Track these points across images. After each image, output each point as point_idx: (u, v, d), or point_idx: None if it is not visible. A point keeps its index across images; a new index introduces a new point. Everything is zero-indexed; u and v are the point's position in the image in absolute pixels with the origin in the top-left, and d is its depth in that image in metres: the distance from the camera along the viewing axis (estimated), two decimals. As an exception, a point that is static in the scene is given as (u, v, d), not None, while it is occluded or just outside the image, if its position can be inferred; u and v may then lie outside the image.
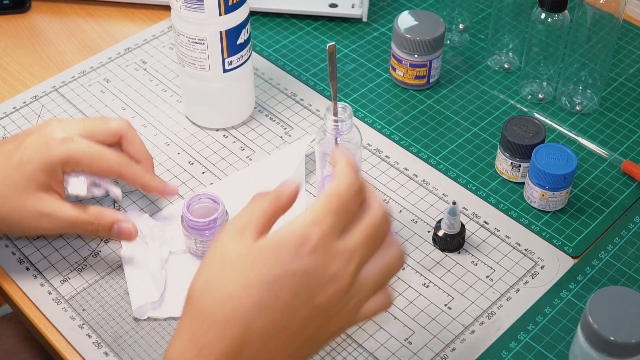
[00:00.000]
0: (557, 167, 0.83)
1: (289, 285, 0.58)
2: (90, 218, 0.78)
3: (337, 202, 0.60)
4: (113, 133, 0.81)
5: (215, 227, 0.79)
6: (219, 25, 0.86)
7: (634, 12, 1.11)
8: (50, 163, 0.77)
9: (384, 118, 0.97)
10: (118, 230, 0.79)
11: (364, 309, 0.62)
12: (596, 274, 0.81)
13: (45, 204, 0.77)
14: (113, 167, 0.79)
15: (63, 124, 0.79)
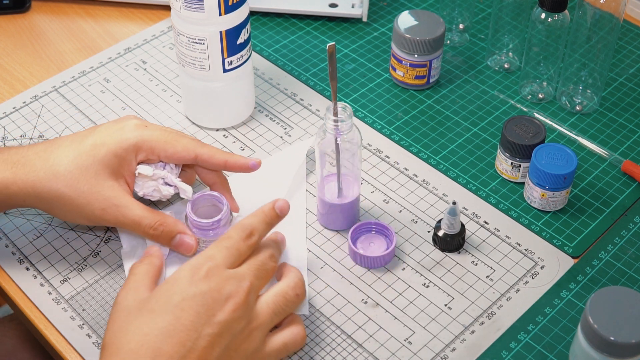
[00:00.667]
0: (557, 167, 0.83)
1: (189, 308, 0.64)
2: (154, 223, 0.76)
3: (228, 242, 0.70)
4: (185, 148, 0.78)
5: (219, 227, 0.79)
6: (219, 25, 0.86)
7: (634, 12, 1.11)
8: (124, 147, 0.76)
9: (384, 118, 0.97)
10: (180, 241, 0.77)
11: (275, 338, 0.69)
12: (596, 274, 0.81)
13: (115, 193, 0.75)
14: (188, 147, 0.77)
15: (138, 118, 0.79)
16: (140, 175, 0.78)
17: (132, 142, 0.76)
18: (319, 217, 0.85)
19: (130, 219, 0.76)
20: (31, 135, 0.94)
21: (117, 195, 0.76)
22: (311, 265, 0.82)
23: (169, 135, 0.78)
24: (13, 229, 0.84)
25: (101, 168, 0.75)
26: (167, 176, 0.79)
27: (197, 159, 0.78)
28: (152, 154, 0.77)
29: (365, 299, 0.79)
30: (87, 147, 0.76)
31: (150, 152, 0.77)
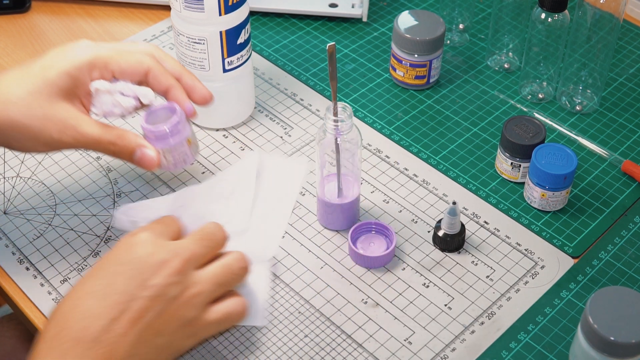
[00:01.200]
0: (557, 167, 0.83)
1: (122, 272, 0.65)
2: (114, 138, 0.74)
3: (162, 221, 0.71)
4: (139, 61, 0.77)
5: (178, 132, 0.76)
6: (219, 25, 0.86)
7: (634, 12, 1.11)
8: (77, 66, 0.73)
9: (384, 118, 0.97)
10: (140, 155, 0.75)
11: (216, 307, 0.68)
12: (596, 274, 0.81)
13: (70, 114, 0.73)
14: (143, 60, 0.76)
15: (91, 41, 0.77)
16: (98, 90, 0.75)
17: (86, 59, 0.74)
18: (319, 217, 0.85)
19: (89, 137, 0.74)
20: (31, 135, 0.94)
21: (73, 115, 0.73)
22: (311, 265, 0.82)
23: (122, 48, 0.76)
24: (13, 229, 0.84)
25: (54, 90, 0.73)
26: (125, 86, 0.76)
27: (147, 75, 0.77)
28: (105, 71, 0.75)
29: (365, 299, 0.79)
30: (37, 70, 0.73)
31: (104, 68, 0.75)
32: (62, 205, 0.87)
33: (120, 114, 0.77)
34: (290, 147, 0.93)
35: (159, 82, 0.77)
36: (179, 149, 0.77)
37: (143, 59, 0.76)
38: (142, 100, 0.77)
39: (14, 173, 0.90)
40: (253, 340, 0.76)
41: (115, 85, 0.76)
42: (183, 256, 0.67)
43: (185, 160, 0.79)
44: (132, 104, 0.77)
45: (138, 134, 0.76)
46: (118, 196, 0.88)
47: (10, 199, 0.87)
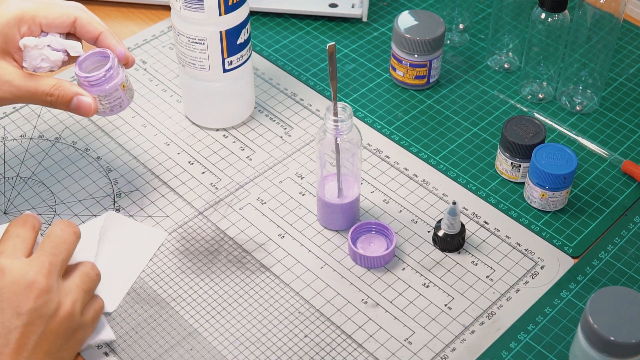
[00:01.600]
0: (557, 167, 0.83)
1: (36, 281, 0.65)
2: (49, 89, 0.76)
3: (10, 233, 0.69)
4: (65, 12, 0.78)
5: (112, 78, 0.78)
6: (219, 25, 0.86)
7: (634, 12, 1.11)
8: (4, 22, 0.75)
9: (384, 118, 0.97)
10: (77, 103, 0.77)
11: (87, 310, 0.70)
12: (596, 274, 0.81)
13: (5, 70, 0.75)
14: (69, 11, 0.78)
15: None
16: (26, 47, 0.77)
17: (12, 15, 0.76)
18: (319, 217, 0.85)
19: (25, 90, 0.76)
20: (31, 135, 0.94)
21: (6, 71, 0.75)
22: (311, 265, 0.82)
23: (48, 2, 0.78)
24: (13, 229, 0.84)
25: None
26: (53, 40, 0.78)
27: (75, 24, 0.78)
28: (33, 24, 0.77)
29: (365, 299, 0.79)
30: None
31: (31, 22, 0.77)
32: (62, 205, 0.87)
33: (49, 68, 0.79)
34: (290, 147, 0.93)
35: (87, 31, 0.79)
36: (114, 94, 0.79)
37: (69, 10, 0.78)
38: (71, 53, 0.79)
39: (14, 173, 0.90)
40: (253, 341, 0.76)
41: (43, 39, 0.78)
42: (45, 272, 0.67)
43: (121, 105, 0.81)
44: (60, 57, 0.78)
45: (73, 83, 0.78)
46: (118, 196, 0.88)
47: (10, 199, 0.87)
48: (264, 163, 0.92)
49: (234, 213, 0.86)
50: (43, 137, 0.94)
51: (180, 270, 0.81)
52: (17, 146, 0.93)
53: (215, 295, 0.79)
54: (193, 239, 0.84)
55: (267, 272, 0.81)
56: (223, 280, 0.80)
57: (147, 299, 0.79)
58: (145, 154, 0.92)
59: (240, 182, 0.90)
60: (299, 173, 0.90)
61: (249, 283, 0.80)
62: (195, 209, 0.87)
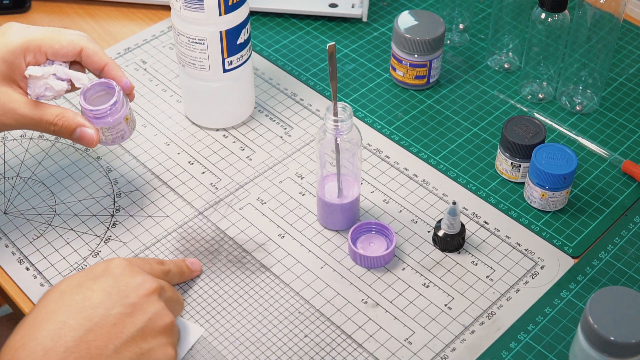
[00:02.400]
0: (557, 167, 0.83)
1: (100, 289, 0.67)
2: (53, 118, 0.77)
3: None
4: (71, 41, 0.79)
5: (117, 112, 0.79)
6: (219, 25, 0.86)
7: (634, 12, 1.11)
8: (10, 51, 0.76)
9: (384, 118, 0.97)
10: (80, 134, 0.78)
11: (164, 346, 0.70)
12: (596, 274, 0.81)
13: (9, 97, 0.76)
14: (74, 40, 0.78)
15: (21, 24, 0.79)
16: (31, 76, 0.77)
17: (18, 43, 0.76)
18: (319, 217, 0.85)
19: (29, 118, 0.77)
20: (31, 135, 0.94)
21: (12, 99, 0.76)
22: (311, 265, 0.82)
23: (54, 31, 0.79)
24: (13, 229, 0.84)
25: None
26: (58, 69, 0.79)
27: (81, 54, 0.79)
28: (39, 53, 0.78)
29: (365, 299, 0.79)
30: None
31: (37, 50, 0.77)
32: (62, 205, 0.87)
33: (52, 97, 0.79)
34: (290, 147, 0.93)
35: (93, 61, 0.80)
36: (118, 126, 0.80)
37: (75, 39, 0.79)
38: (75, 84, 0.80)
39: (14, 173, 0.90)
40: (253, 341, 0.76)
41: (49, 68, 0.78)
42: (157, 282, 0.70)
43: (123, 137, 0.81)
44: (64, 87, 0.79)
45: (77, 113, 0.79)
46: (118, 196, 0.88)
47: (10, 199, 0.87)
48: (264, 163, 0.92)
49: (234, 213, 0.86)
50: (43, 137, 0.94)
51: (180, 270, 0.81)
52: (17, 146, 0.93)
53: (215, 295, 0.79)
54: (193, 239, 0.84)
55: (267, 272, 0.81)
56: (223, 280, 0.80)
57: (147, 299, 0.79)
58: (145, 154, 0.92)
59: (240, 182, 0.90)
60: (299, 173, 0.90)
61: (249, 283, 0.80)
62: (195, 209, 0.87)
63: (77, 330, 0.64)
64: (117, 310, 0.66)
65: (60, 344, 0.63)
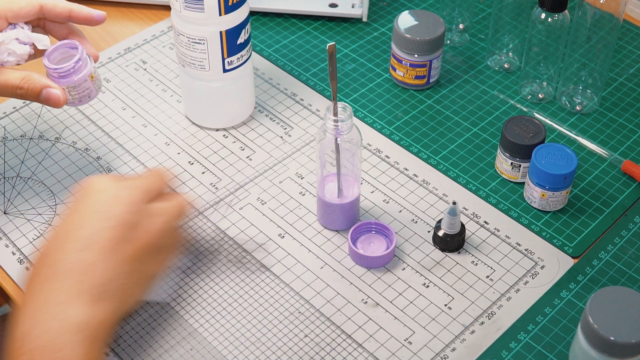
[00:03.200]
0: (557, 167, 0.83)
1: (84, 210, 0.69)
2: (19, 82, 0.77)
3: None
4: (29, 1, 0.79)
5: (81, 69, 0.79)
6: (219, 25, 0.86)
7: (634, 12, 1.11)
8: None
9: (384, 118, 0.97)
10: (46, 95, 0.78)
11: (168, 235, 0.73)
12: (596, 274, 0.81)
13: None
14: (32, 1, 0.78)
15: None
16: None
17: None
18: (319, 217, 0.85)
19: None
20: (31, 135, 0.94)
21: None
22: (311, 265, 0.82)
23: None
24: (13, 229, 0.84)
25: None
26: (20, 33, 0.79)
27: (42, 10, 0.79)
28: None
29: (365, 299, 0.79)
30: None
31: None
32: (62, 205, 0.87)
33: (16, 62, 0.79)
34: (290, 147, 0.93)
35: (56, 12, 0.80)
36: (83, 85, 0.80)
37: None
38: (38, 46, 0.80)
39: (14, 173, 0.90)
40: (253, 340, 0.76)
41: (10, 33, 0.78)
42: (141, 188, 0.72)
43: (90, 95, 0.81)
44: (27, 50, 0.79)
45: (42, 75, 0.79)
46: (118, 196, 0.88)
47: (10, 199, 0.87)
48: (264, 163, 0.92)
49: (234, 213, 0.86)
50: (43, 137, 0.94)
51: (180, 270, 0.81)
52: (17, 146, 0.93)
53: (215, 295, 0.79)
54: (193, 238, 0.84)
55: (267, 272, 0.81)
56: (223, 280, 0.80)
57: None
58: (145, 154, 0.92)
59: (240, 182, 0.90)
60: (299, 173, 0.90)
61: (249, 283, 0.80)
62: (195, 208, 0.87)
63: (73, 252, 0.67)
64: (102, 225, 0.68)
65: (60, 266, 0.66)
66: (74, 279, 0.66)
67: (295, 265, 0.82)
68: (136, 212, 0.70)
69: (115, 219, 0.69)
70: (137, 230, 0.70)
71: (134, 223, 0.69)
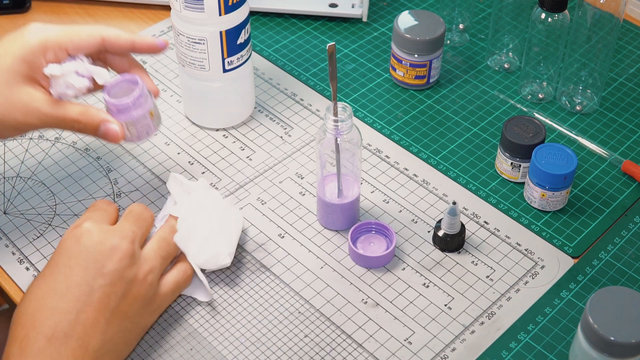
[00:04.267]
0: (557, 167, 0.83)
1: (76, 265, 0.68)
2: (77, 116, 0.76)
3: (94, 206, 0.75)
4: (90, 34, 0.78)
5: (140, 105, 0.78)
6: (219, 25, 0.86)
7: (634, 12, 1.11)
8: (30, 50, 0.75)
9: (384, 118, 0.97)
10: (105, 130, 0.77)
11: (167, 279, 0.74)
12: (596, 274, 0.81)
13: (32, 97, 0.75)
14: (93, 34, 0.77)
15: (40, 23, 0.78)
16: (52, 75, 0.76)
17: (37, 42, 0.75)
18: (319, 217, 0.85)
19: (53, 117, 0.76)
20: (31, 135, 0.94)
21: (34, 98, 0.75)
22: (311, 265, 0.82)
23: (72, 27, 0.78)
24: (13, 229, 0.84)
25: (12, 77, 0.75)
26: (79, 66, 0.77)
27: (104, 43, 0.78)
28: (59, 50, 0.76)
29: (365, 299, 0.79)
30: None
31: (57, 47, 0.76)
32: (62, 205, 0.87)
33: (73, 95, 0.78)
34: (290, 147, 0.93)
35: (119, 44, 0.79)
36: (142, 121, 0.79)
37: (94, 30, 0.78)
38: (97, 80, 0.79)
39: (14, 173, 0.90)
40: (253, 340, 0.76)
41: (69, 65, 0.77)
42: (129, 238, 0.70)
43: (148, 132, 0.80)
44: (85, 84, 0.78)
45: (101, 109, 0.78)
46: (118, 196, 0.88)
47: (10, 199, 0.87)
48: (264, 163, 0.92)
49: (234, 213, 0.86)
50: (43, 137, 0.94)
51: (180, 270, 0.81)
52: (17, 146, 0.93)
53: (216, 295, 0.79)
54: None
55: (267, 272, 0.81)
56: (223, 280, 0.80)
57: (147, 299, 0.79)
58: (145, 154, 0.92)
59: (240, 182, 0.90)
60: (299, 173, 0.90)
61: (249, 283, 0.80)
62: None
63: (70, 313, 0.66)
64: (99, 283, 0.67)
65: (59, 329, 0.65)
66: (73, 344, 0.65)
67: (295, 265, 0.82)
68: (132, 265, 0.70)
69: (111, 275, 0.68)
70: (134, 285, 0.70)
71: (131, 278, 0.70)
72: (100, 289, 0.67)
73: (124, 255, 0.69)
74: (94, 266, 0.68)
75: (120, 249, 0.69)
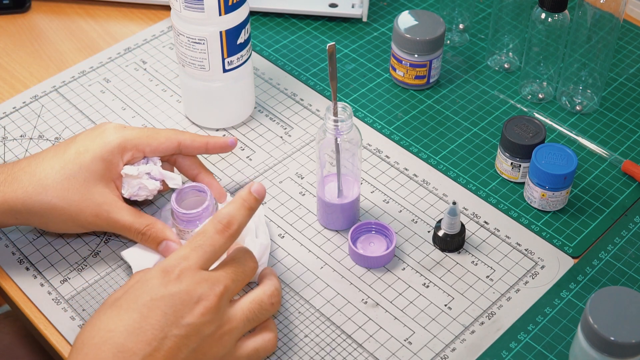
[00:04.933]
0: (557, 167, 0.83)
1: (156, 308, 0.64)
2: (142, 228, 0.77)
3: (202, 239, 0.68)
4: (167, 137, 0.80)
5: (207, 216, 0.79)
6: (219, 25, 0.86)
7: (634, 12, 1.11)
8: (109, 150, 0.76)
9: (384, 118, 0.97)
10: (166, 247, 0.77)
11: (246, 343, 0.69)
12: (596, 274, 0.81)
13: (105, 199, 0.76)
14: (170, 136, 0.79)
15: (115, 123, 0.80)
16: (127, 175, 0.78)
17: (116, 143, 0.77)
18: (319, 217, 0.85)
19: (120, 224, 0.77)
20: (31, 135, 0.94)
21: (107, 200, 0.76)
22: (311, 265, 0.82)
23: (149, 129, 0.79)
24: (13, 229, 0.84)
25: (89, 175, 0.76)
26: (152, 169, 0.79)
27: (180, 146, 0.80)
28: (137, 151, 0.78)
29: (365, 299, 0.79)
30: (72, 155, 0.76)
31: (134, 149, 0.78)
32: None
33: (145, 197, 0.80)
34: (290, 147, 0.93)
35: (193, 147, 0.81)
36: None
37: (171, 134, 0.80)
38: (169, 184, 0.80)
39: (14, 173, 0.90)
40: (253, 340, 0.76)
41: (143, 167, 0.79)
42: (217, 292, 0.66)
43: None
44: (157, 186, 0.80)
45: (166, 225, 0.78)
46: (118, 196, 0.88)
47: (10, 199, 0.87)
48: (264, 163, 0.92)
49: (234, 213, 0.86)
50: (43, 137, 0.94)
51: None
52: (17, 146, 0.93)
53: (215, 295, 0.79)
54: None
55: (267, 272, 0.81)
56: (223, 280, 0.80)
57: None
58: (145, 154, 0.92)
59: (240, 182, 0.90)
60: (299, 173, 0.90)
61: (249, 283, 0.80)
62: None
63: (137, 355, 0.62)
64: (174, 333, 0.64)
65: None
66: None
67: (295, 265, 0.82)
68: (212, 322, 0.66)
69: (188, 328, 0.65)
70: (208, 341, 0.66)
71: (207, 335, 0.66)
72: (173, 338, 0.64)
73: (207, 311, 0.65)
74: (173, 314, 0.64)
75: (206, 303, 0.65)
